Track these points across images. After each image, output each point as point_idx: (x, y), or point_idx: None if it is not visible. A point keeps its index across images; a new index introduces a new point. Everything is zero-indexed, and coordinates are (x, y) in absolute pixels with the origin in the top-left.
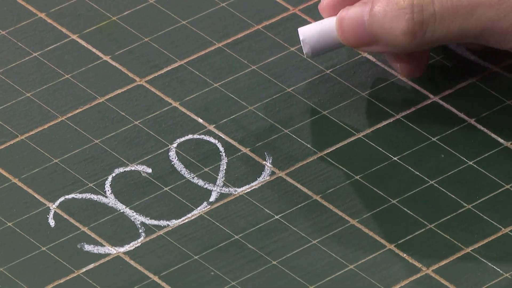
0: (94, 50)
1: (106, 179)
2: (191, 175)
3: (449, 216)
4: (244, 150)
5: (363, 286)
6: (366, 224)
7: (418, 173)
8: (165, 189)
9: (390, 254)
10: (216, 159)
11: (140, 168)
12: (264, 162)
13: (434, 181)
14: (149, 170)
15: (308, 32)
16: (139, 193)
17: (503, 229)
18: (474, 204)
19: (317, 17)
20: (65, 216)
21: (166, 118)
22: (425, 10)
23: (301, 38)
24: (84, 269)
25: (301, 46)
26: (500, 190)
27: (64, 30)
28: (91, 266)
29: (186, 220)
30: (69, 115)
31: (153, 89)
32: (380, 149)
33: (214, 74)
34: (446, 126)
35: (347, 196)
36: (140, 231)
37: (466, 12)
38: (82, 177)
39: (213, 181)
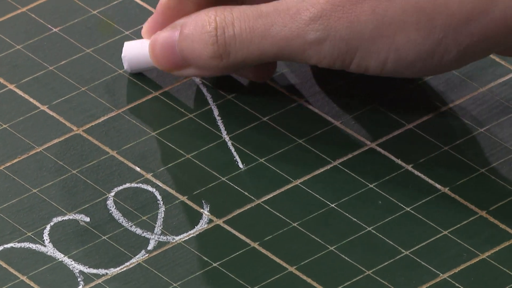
0: (31, 99)
1: (45, 228)
2: (129, 223)
3: (387, 263)
4: (182, 198)
5: None
6: (304, 271)
7: (355, 219)
8: (103, 237)
9: None
10: (154, 208)
11: (78, 217)
12: (201, 210)
13: (371, 227)
14: (87, 219)
15: (130, 49)
16: (77, 241)
17: (441, 274)
18: (412, 250)
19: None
20: (4, 265)
21: (103, 167)
22: (226, 32)
23: (122, 54)
24: None
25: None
26: (438, 236)
27: (1, 80)
28: None
29: (125, 269)
30: (7, 164)
31: (90, 138)
32: (318, 196)
33: (152, 123)
34: (383, 173)
35: (285, 243)
36: (79, 279)
37: (262, 32)
38: (21, 226)
39: (151, 229)
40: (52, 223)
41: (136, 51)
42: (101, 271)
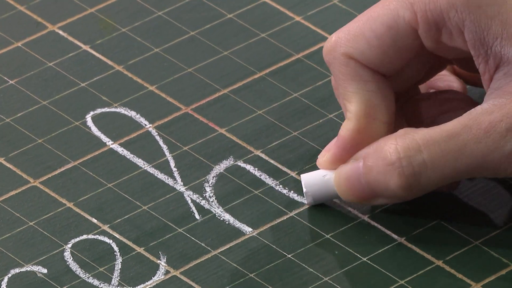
0: None
1: (2, 280)
2: (86, 275)
3: None
4: (139, 249)
5: None
6: None
7: (312, 270)
8: None
9: None
10: (111, 259)
11: (35, 268)
12: (158, 261)
13: (328, 278)
14: (45, 271)
15: (311, 183)
16: None
17: None
18: None
19: (211, 116)
20: None
21: (60, 219)
22: (414, 162)
23: (304, 189)
24: None
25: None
26: (394, 286)
27: None
28: None
29: None
30: None
31: (47, 190)
32: (274, 247)
33: (108, 174)
34: (339, 223)
35: None
36: None
37: (456, 153)
38: None
39: (108, 280)
40: (9, 275)
41: (318, 184)
42: None
